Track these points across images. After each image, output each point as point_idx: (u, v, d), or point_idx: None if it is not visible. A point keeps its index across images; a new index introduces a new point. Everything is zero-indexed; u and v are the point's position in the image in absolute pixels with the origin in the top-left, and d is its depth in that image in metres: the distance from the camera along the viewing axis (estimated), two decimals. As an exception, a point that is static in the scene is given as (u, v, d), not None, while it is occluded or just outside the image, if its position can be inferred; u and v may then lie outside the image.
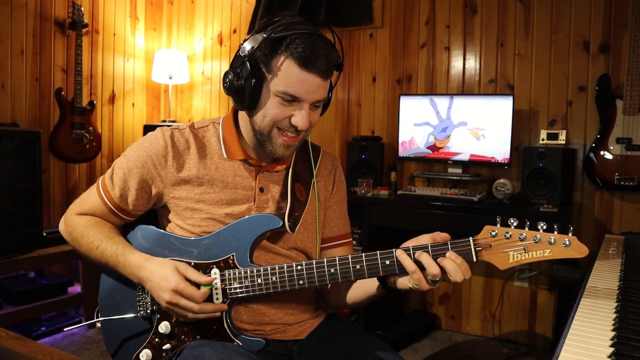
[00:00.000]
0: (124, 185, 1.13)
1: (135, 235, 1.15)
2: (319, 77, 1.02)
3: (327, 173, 1.26)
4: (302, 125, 1.05)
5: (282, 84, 1.02)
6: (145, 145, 1.14)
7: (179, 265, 1.04)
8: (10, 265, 2.36)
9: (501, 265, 0.93)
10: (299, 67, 1.00)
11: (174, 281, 1.00)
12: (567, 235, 0.90)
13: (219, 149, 1.16)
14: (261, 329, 1.13)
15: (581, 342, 0.76)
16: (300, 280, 1.02)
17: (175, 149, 1.13)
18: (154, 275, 1.03)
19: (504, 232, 0.93)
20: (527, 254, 0.92)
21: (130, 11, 3.54)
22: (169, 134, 1.14)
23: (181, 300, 1.00)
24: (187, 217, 1.12)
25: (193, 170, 1.13)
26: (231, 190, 1.13)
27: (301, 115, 1.04)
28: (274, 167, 1.17)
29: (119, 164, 1.15)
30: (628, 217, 2.43)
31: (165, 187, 1.13)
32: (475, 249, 0.94)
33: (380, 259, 0.98)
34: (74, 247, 1.17)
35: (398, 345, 2.55)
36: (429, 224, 2.43)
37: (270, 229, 1.07)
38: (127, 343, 1.12)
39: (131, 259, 1.07)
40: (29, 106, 2.91)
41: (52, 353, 0.96)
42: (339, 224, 1.26)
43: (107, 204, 1.15)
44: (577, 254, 0.90)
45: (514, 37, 2.67)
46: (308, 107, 1.05)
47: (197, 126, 1.19)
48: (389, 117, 3.03)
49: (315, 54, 1.01)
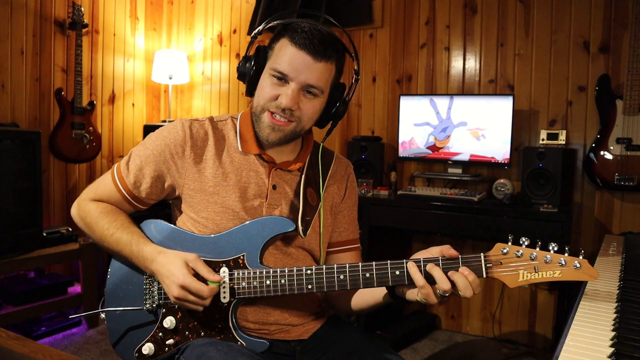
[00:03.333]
0: (139, 173, 1.14)
1: (148, 228, 1.15)
2: (309, 56, 1.04)
3: (340, 178, 1.26)
4: (285, 102, 1.06)
5: (275, 62, 1.07)
6: (164, 134, 1.15)
7: (189, 259, 1.03)
8: (10, 265, 2.36)
9: (511, 283, 0.93)
10: (290, 44, 1.05)
11: (182, 277, 1.00)
12: (577, 258, 0.90)
13: (235, 142, 1.17)
14: (265, 329, 1.13)
15: (581, 342, 0.76)
16: (309, 285, 1.02)
17: (193, 140, 1.14)
18: (163, 269, 1.03)
19: (515, 250, 0.93)
20: (537, 274, 0.91)
21: (130, 11, 3.54)
22: (188, 125, 1.15)
23: (189, 296, 1.00)
24: (201, 210, 1.12)
25: (209, 162, 1.13)
26: (244, 185, 1.14)
27: (286, 93, 1.06)
28: (287, 165, 1.17)
29: (137, 151, 1.16)
30: (628, 217, 2.43)
31: (181, 178, 1.14)
32: (486, 265, 0.94)
33: (391, 269, 0.97)
34: (86, 232, 1.18)
35: (398, 345, 2.55)
36: (429, 224, 2.43)
37: (283, 232, 1.08)
38: (130, 335, 1.12)
39: (145, 251, 1.07)
40: (29, 106, 2.91)
41: (52, 353, 0.96)
42: (349, 229, 1.26)
43: (121, 191, 1.16)
44: (587, 277, 0.89)
45: (514, 37, 2.67)
46: (296, 88, 1.06)
47: (216, 119, 1.21)
48: (389, 117, 3.03)
49: (310, 34, 1.04)
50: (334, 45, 1.08)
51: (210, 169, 1.13)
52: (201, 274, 1.02)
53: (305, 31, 1.05)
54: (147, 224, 1.16)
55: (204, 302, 1.01)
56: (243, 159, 1.16)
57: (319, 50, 1.04)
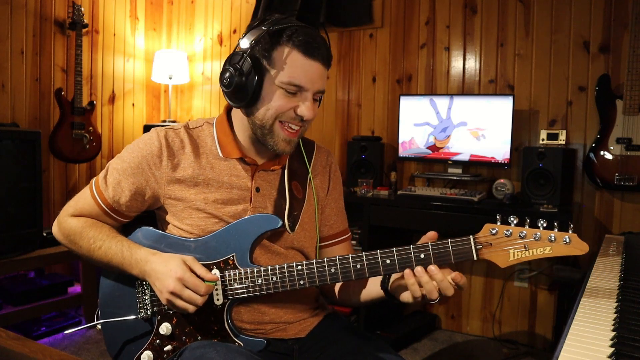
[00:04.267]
0: (118, 187, 1.13)
1: (136, 236, 1.15)
2: (321, 64, 1.05)
3: (322, 169, 1.25)
4: (308, 114, 1.05)
5: (287, 75, 1.03)
6: (140, 146, 1.13)
7: (186, 258, 1.04)
8: (10, 265, 2.36)
9: (502, 263, 0.93)
10: (302, 55, 1.03)
11: (180, 271, 1.00)
12: (567, 233, 0.90)
13: (214, 148, 1.15)
14: (262, 328, 1.13)
15: (581, 342, 0.76)
16: (300, 280, 1.02)
17: (169, 149, 1.12)
18: (160, 266, 1.02)
19: (505, 230, 0.93)
20: (527, 252, 0.92)
21: (130, 11, 3.54)
22: (163, 134, 1.14)
23: (184, 291, 0.99)
24: (185, 218, 1.11)
25: (188, 170, 1.12)
26: (227, 190, 1.12)
27: (306, 105, 1.06)
28: (270, 165, 1.16)
29: (113, 164, 1.15)
30: (628, 217, 2.43)
31: (160, 188, 1.13)
32: (476, 247, 0.94)
33: (381, 258, 0.98)
34: (71, 249, 1.17)
35: (398, 345, 2.55)
36: (429, 224, 2.43)
37: (270, 229, 1.07)
38: (128, 345, 1.11)
39: (138, 254, 1.07)
40: (29, 106, 2.91)
41: (52, 353, 0.96)
42: (338, 220, 1.26)
43: (100, 205, 1.14)
44: (578, 251, 0.90)
45: (514, 37, 2.67)
46: (311, 97, 1.06)
47: (191, 126, 1.19)
48: (389, 117, 3.03)
49: (317, 41, 1.04)
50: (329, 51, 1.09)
51: (189, 177, 1.12)
52: (198, 273, 1.02)
53: (309, 40, 1.03)
54: (135, 233, 1.15)
55: (197, 299, 0.99)
56: (223, 164, 1.14)
57: (328, 58, 1.07)
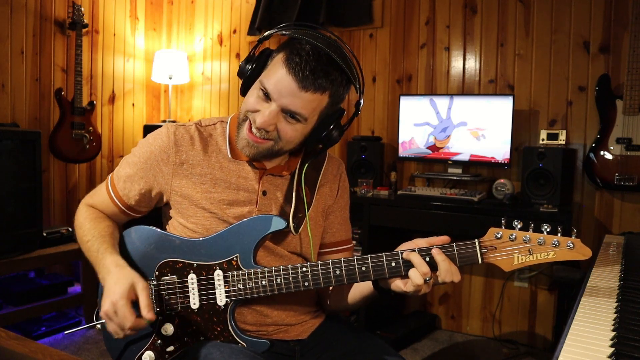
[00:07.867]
0: (129, 182, 1.14)
1: (129, 235, 1.14)
2: (295, 83, 0.98)
3: (332, 178, 1.24)
4: (259, 120, 1.02)
5: (265, 76, 1.03)
6: (150, 141, 1.14)
7: (138, 285, 0.99)
8: (10, 265, 2.36)
9: (506, 267, 0.94)
10: (284, 67, 0.99)
11: (117, 297, 0.97)
12: (570, 238, 0.91)
13: (224, 148, 1.15)
14: (264, 330, 1.13)
15: (581, 342, 0.76)
16: (305, 282, 1.01)
17: (178, 145, 1.12)
18: (110, 283, 1.00)
19: (509, 234, 0.94)
20: (531, 256, 0.93)
21: (130, 11, 3.54)
22: (173, 130, 1.14)
23: (113, 317, 0.98)
24: (190, 216, 1.11)
25: (196, 167, 1.12)
26: (234, 192, 1.12)
27: (263, 113, 1.02)
28: (279, 170, 1.15)
29: (126, 159, 1.17)
30: (628, 217, 2.43)
31: (167, 184, 1.13)
32: (481, 251, 0.95)
33: (386, 261, 0.98)
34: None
35: (398, 345, 2.55)
36: (429, 224, 2.43)
37: (274, 230, 1.06)
38: (129, 345, 1.11)
39: (105, 261, 1.05)
40: (29, 106, 2.91)
41: (52, 353, 0.96)
42: (341, 229, 1.26)
43: (113, 199, 1.16)
44: (581, 256, 0.91)
45: (514, 37, 2.67)
46: (276, 110, 1.01)
47: (204, 124, 1.18)
48: (389, 117, 3.03)
49: (304, 61, 0.98)
50: (329, 76, 1.00)
51: (197, 175, 1.12)
52: (140, 304, 0.98)
53: (301, 55, 0.98)
54: (128, 232, 1.14)
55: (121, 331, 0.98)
56: (232, 165, 1.13)
57: (307, 79, 0.98)
